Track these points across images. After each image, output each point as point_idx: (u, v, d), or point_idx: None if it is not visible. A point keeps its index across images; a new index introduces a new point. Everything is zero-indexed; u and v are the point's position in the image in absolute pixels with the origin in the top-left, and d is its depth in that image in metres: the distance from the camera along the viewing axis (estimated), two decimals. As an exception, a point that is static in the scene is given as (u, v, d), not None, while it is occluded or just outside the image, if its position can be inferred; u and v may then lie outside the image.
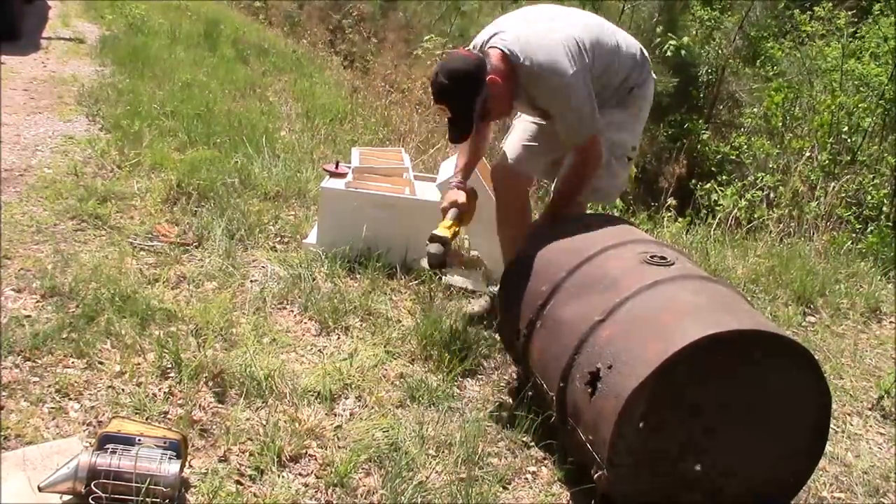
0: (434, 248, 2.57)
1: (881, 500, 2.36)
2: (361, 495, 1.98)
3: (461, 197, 2.66)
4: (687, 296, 2.03)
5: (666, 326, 1.91)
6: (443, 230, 2.60)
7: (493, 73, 2.50)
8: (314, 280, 3.07)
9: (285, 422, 2.19)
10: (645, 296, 2.03)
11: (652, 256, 2.19)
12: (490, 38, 2.61)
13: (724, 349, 1.84)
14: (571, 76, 2.46)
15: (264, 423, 2.16)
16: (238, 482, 1.95)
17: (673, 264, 2.17)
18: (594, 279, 2.20)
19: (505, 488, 2.12)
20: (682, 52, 7.04)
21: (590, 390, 1.95)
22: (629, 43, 2.70)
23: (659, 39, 7.12)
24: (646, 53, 2.75)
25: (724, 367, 1.86)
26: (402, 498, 1.97)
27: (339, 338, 2.74)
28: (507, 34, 2.56)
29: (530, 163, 2.88)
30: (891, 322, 3.71)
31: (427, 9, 9.92)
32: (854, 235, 5.16)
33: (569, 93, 2.48)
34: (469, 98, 2.49)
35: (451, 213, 2.64)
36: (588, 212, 2.97)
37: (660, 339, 1.86)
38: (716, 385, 1.87)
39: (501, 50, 2.52)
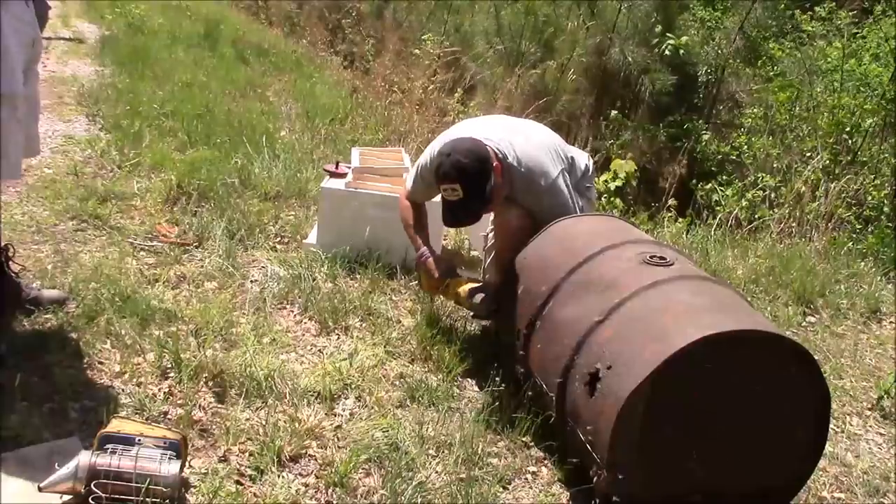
0: (479, 297, 2.67)
1: (881, 500, 2.36)
2: (361, 495, 1.98)
3: (449, 261, 2.86)
4: (686, 296, 2.03)
5: (665, 327, 1.91)
6: (473, 283, 2.72)
7: (496, 164, 2.60)
8: (314, 280, 3.07)
9: (285, 422, 2.19)
10: (644, 296, 2.03)
11: (651, 257, 2.19)
12: (484, 138, 2.68)
13: (723, 350, 1.84)
14: (555, 178, 2.64)
15: (264, 423, 2.16)
16: (238, 482, 1.95)
17: (672, 264, 2.17)
18: (593, 279, 2.20)
19: (505, 488, 2.12)
20: (681, 51, 7.04)
21: (589, 391, 1.95)
22: (580, 154, 2.93)
23: (657, 39, 7.13)
24: (591, 161, 2.98)
25: (724, 368, 1.86)
26: (402, 498, 1.97)
27: (339, 338, 2.74)
28: (491, 138, 2.66)
29: None
30: (891, 322, 3.71)
31: (417, 7, 9.93)
32: (854, 236, 5.16)
33: (555, 192, 2.63)
34: (484, 179, 2.52)
35: (463, 271, 2.85)
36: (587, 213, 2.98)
37: (659, 340, 1.86)
38: (715, 385, 1.87)
39: (492, 148, 2.63)
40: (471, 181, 2.50)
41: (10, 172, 2.24)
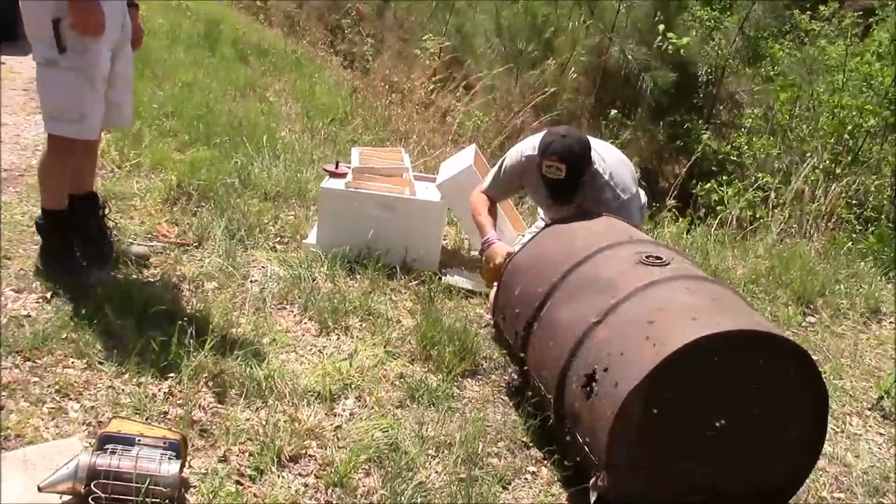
0: None
1: (881, 500, 2.36)
2: (361, 495, 1.98)
3: (509, 248, 2.90)
4: (683, 296, 2.03)
5: (661, 328, 1.91)
6: None
7: None
8: (314, 280, 3.07)
9: (285, 422, 2.19)
10: (640, 297, 2.03)
11: (647, 257, 2.19)
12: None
13: (721, 350, 1.83)
14: (631, 196, 2.81)
15: (264, 423, 2.16)
16: (238, 482, 1.95)
17: (668, 264, 2.17)
18: (590, 280, 2.20)
19: (505, 488, 2.12)
20: (682, 51, 7.04)
21: (587, 392, 1.95)
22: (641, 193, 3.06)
23: (659, 38, 7.13)
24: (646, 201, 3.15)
25: (721, 368, 1.86)
26: (402, 498, 1.97)
27: (339, 338, 2.74)
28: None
29: None
30: (891, 322, 3.71)
31: (419, 8, 9.92)
32: (854, 236, 5.16)
33: (626, 209, 2.78)
34: (585, 168, 2.75)
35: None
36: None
37: (655, 341, 1.86)
38: (712, 386, 1.87)
39: None
40: (575, 166, 2.70)
41: (88, 133, 2.60)
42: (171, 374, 2.31)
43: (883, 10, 8.00)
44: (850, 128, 6.21)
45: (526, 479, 2.18)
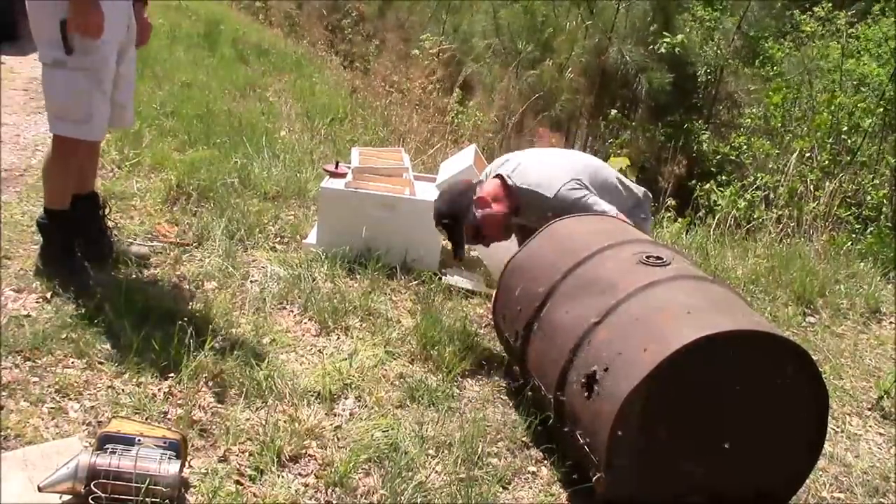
0: None
1: (881, 500, 2.36)
2: (361, 495, 1.98)
3: None
4: (683, 297, 2.03)
5: (662, 328, 1.91)
6: None
7: (483, 194, 2.86)
8: (314, 280, 3.07)
9: (285, 422, 2.19)
10: (641, 297, 2.03)
11: (648, 257, 2.19)
12: (499, 166, 2.96)
13: (720, 350, 1.84)
14: (561, 187, 2.71)
15: (264, 423, 2.16)
16: (238, 482, 1.95)
17: (669, 264, 2.17)
18: (590, 281, 2.20)
19: (505, 488, 2.12)
20: (677, 49, 7.04)
21: (586, 393, 1.95)
22: (632, 186, 3.03)
23: (652, 38, 7.14)
24: (649, 195, 3.10)
25: (721, 368, 1.86)
26: (402, 498, 1.97)
27: (338, 338, 2.74)
28: (510, 163, 2.91)
29: None
30: (891, 322, 3.71)
31: (418, 8, 9.93)
32: (854, 236, 5.16)
33: (561, 200, 2.71)
34: (457, 218, 2.86)
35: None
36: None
37: (655, 341, 1.86)
38: (712, 386, 1.87)
39: (499, 174, 2.88)
40: (444, 224, 2.92)
41: (94, 134, 2.63)
42: (171, 374, 2.31)
43: (882, 12, 8.00)
44: (845, 127, 6.21)
45: (526, 479, 2.18)
